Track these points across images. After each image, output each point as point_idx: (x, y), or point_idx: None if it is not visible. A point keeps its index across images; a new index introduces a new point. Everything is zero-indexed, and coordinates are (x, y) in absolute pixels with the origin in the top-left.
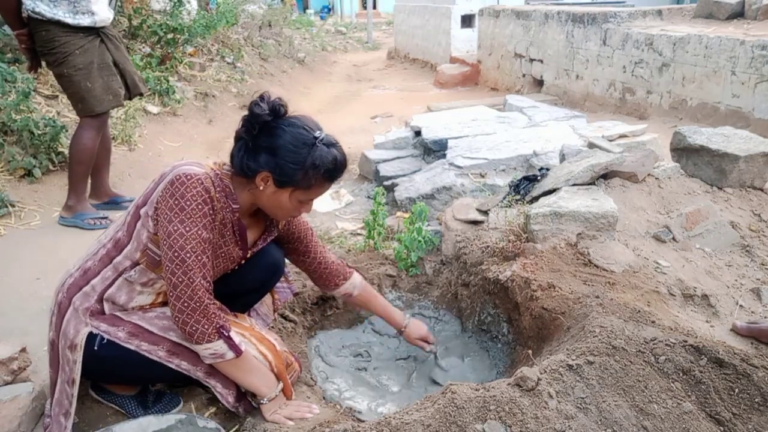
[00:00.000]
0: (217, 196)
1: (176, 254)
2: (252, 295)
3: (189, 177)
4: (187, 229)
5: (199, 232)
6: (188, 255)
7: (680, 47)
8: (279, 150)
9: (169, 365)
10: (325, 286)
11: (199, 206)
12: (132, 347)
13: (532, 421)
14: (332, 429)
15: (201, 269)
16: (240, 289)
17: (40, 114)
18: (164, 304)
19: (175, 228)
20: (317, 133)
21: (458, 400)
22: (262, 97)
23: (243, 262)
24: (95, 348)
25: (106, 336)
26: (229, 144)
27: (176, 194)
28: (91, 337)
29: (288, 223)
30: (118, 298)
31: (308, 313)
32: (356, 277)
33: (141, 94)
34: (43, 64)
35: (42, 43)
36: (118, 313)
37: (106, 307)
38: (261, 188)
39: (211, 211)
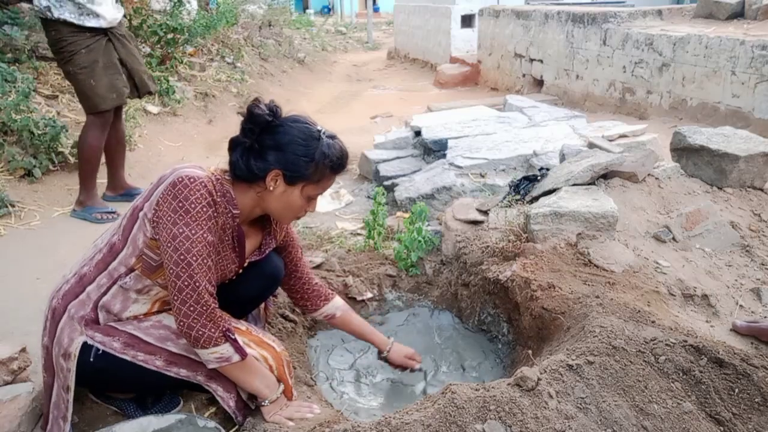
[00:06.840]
0: (219, 200)
1: (182, 257)
2: (252, 302)
3: (192, 179)
4: (193, 231)
5: (204, 235)
6: (194, 258)
7: (680, 47)
8: (288, 146)
9: (168, 374)
10: (308, 307)
11: (204, 209)
12: (128, 358)
13: (532, 421)
14: (332, 429)
15: (206, 273)
16: (240, 296)
17: (40, 114)
18: (159, 312)
19: (180, 230)
20: (319, 127)
21: (458, 400)
22: (257, 100)
23: (240, 271)
24: (91, 359)
25: (101, 347)
26: None
27: (179, 196)
28: (86, 346)
29: (284, 239)
30: (113, 307)
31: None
32: (338, 300)
33: (150, 92)
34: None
35: (51, 42)
36: (112, 324)
37: (101, 316)
38: (271, 188)
39: (214, 214)
